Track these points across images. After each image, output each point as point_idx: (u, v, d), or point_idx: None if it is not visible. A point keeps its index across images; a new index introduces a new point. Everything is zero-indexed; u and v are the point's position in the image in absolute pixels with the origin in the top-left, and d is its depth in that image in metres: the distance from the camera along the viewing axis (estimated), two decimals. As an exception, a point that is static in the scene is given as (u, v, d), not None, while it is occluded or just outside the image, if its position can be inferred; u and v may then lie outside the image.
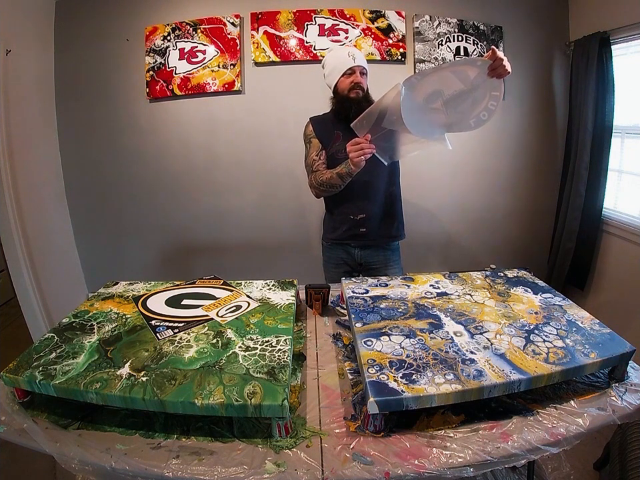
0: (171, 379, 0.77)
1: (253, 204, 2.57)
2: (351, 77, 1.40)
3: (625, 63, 2.12)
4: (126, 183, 2.56)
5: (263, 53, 2.33)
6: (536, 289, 1.13)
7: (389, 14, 2.32)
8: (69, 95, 2.42)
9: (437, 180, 2.59)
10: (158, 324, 0.98)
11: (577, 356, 0.81)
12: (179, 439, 0.73)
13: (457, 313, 1.00)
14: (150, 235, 2.65)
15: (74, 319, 1.02)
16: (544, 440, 0.71)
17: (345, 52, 1.42)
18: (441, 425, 0.75)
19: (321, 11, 2.31)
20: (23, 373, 0.79)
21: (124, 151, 2.51)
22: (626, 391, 0.82)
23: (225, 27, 2.32)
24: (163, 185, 2.56)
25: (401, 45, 2.35)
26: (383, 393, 0.71)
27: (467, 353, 0.82)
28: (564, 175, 2.51)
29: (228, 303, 1.09)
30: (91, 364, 0.82)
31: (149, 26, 2.34)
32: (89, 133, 2.47)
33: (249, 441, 0.72)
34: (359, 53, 1.44)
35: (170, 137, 2.48)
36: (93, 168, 2.53)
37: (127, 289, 1.20)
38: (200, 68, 2.35)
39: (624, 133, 2.18)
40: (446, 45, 2.39)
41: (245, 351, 0.86)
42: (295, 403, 0.81)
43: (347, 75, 1.40)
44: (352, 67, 1.39)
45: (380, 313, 1.00)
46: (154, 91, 2.38)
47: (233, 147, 2.48)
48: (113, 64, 2.39)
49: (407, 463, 0.67)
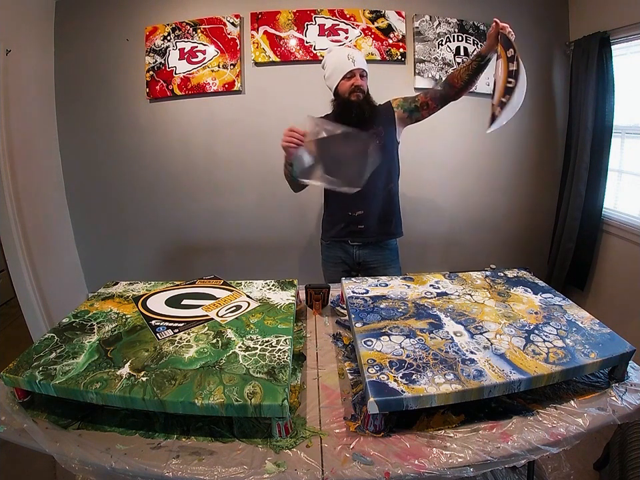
0: (171, 378, 0.77)
1: (253, 204, 2.57)
2: (351, 79, 1.40)
3: (625, 63, 2.12)
4: (126, 182, 2.56)
5: (262, 53, 2.33)
6: (536, 289, 1.13)
7: (388, 14, 2.32)
8: (69, 94, 2.42)
9: (437, 180, 2.59)
10: (158, 324, 0.98)
11: (577, 356, 0.81)
12: (179, 439, 0.73)
13: (457, 312, 1.00)
14: (150, 234, 2.65)
15: (74, 318, 1.02)
16: (544, 440, 0.71)
17: (344, 54, 1.41)
18: (440, 424, 0.75)
19: (321, 11, 2.31)
20: (23, 373, 0.79)
21: (124, 150, 2.51)
22: (626, 390, 0.82)
23: (224, 27, 2.32)
24: (163, 185, 2.56)
25: (401, 45, 2.35)
26: (383, 393, 0.71)
27: (467, 353, 0.82)
28: (564, 174, 2.51)
29: (228, 303, 1.09)
30: (91, 364, 0.82)
31: (149, 26, 2.34)
32: (89, 132, 2.47)
33: (249, 441, 0.72)
34: (359, 55, 1.43)
35: (170, 137, 2.48)
36: (93, 168, 2.53)
37: (127, 289, 1.20)
38: (200, 68, 2.35)
39: (624, 133, 2.18)
40: (446, 45, 2.38)
41: (245, 351, 0.86)
42: (295, 403, 0.81)
43: (347, 78, 1.40)
44: (352, 70, 1.39)
45: (380, 313, 1.00)
46: (154, 91, 2.38)
47: (233, 146, 2.48)
48: (113, 64, 2.39)
49: (407, 463, 0.67)
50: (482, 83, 2.43)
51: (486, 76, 2.46)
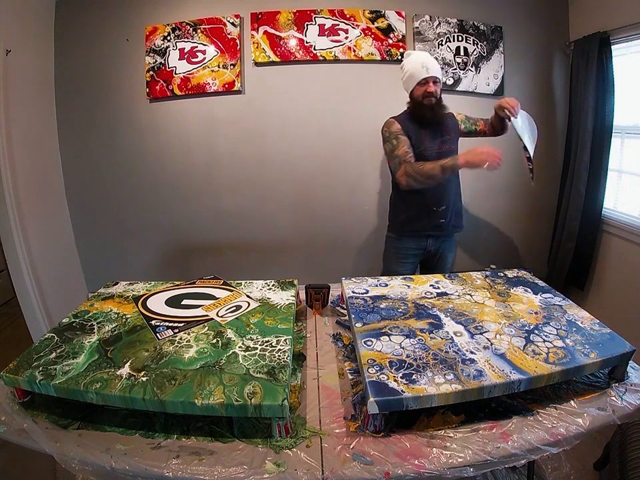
0: (171, 378, 0.77)
1: (253, 204, 2.57)
2: (424, 86, 1.53)
3: (624, 63, 2.12)
4: (126, 182, 2.56)
5: (263, 53, 2.33)
6: (536, 289, 1.13)
7: (388, 14, 2.32)
8: (69, 95, 2.42)
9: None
10: (158, 324, 0.98)
11: (577, 356, 0.81)
12: (179, 439, 0.73)
13: (457, 312, 1.00)
14: (150, 234, 2.65)
15: (74, 318, 1.02)
16: (544, 440, 0.71)
17: (419, 62, 1.53)
18: (440, 425, 0.75)
19: (320, 11, 2.31)
20: (23, 373, 0.79)
21: (124, 151, 2.51)
22: (626, 390, 0.82)
23: (224, 27, 2.32)
24: (163, 185, 2.55)
25: (401, 45, 2.35)
26: (383, 393, 0.71)
27: (467, 353, 0.82)
28: (564, 175, 2.51)
29: (228, 303, 1.09)
30: (91, 364, 0.82)
31: (149, 26, 2.33)
32: (89, 133, 2.47)
33: (249, 441, 0.72)
34: (433, 63, 1.56)
35: (170, 137, 2.48)
36: (93, 168, 2.53)
37: (127, 289, 1.19)
38: (200, 68, 2.35)
39: (624, 133, 2.18)
40: (446, 45, 2.38)
41: (245, 351, 0.86)
42: (295, 403, 0.81)
43: (421, 84, 1.53)
44: (425, 78, 1.52)
45: (380, 313, 1.00)
46: (154, 91, 2.38)
47: (233, 147, 2.48)
48: (112, 64, 2.39)
49: (407, 463, 0.67)
50: (482, 83, 2.44)
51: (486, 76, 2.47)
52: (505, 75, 2.44)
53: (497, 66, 2.42)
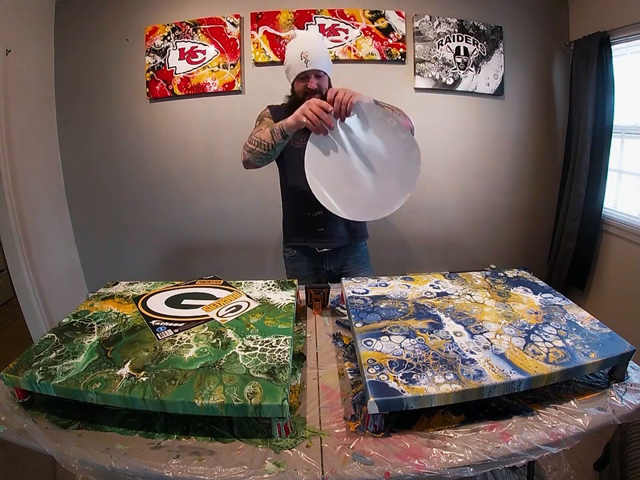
0: (171, 379, 0.77)
1: (253, 204, 2.57)
2: (304, 81, 1.27)
3: (624, 63, 2.12)
4: (126, 182, 2.56)
5: (262, 53, 2.33)
6: (536, 289, 1.13)
7: (388, 14, 2.32)
8: (69, 95, 2.42)
9: (437, 180, 2.58)
10: (158, 324, 0.98)
11: (577, 356, 0.81)
12: (179, 439, 0.73)
13: (457, 313, 1.00)
14: (150, 234, 2.65)
15: (74, 318, 1.02)
16: (544, 440, 0.71)
17: (298, 52, 1.24)
18: (440, 424, 0.75)
19: (320, 11, 2.31)
20: (23, 373, 0.79)
21: (124, 151, 2.51)
22: (626, 390, 0.82)
23: (224, 27, 2.32)
24: (162, 185, 2.56)
25: (401, 45, 2.35)
26: (383, 393, 0.71)
27: (467, 353, 0.82)
28: (564, 175, 2.51)
29: (228, 303, 1.09)
30: (91, 364, 0.82)
31: (149, 26, 2.34)
32: (89, 132, 2.47)
33: (249, 441, 0.72)
34: (316, 52, 1.25)
35: (170, 137, 2.48)
36: (93, 168, 2.53)
37: (127, 289, 1.19)
38: (200, 68, 2.35)
39: (624, 133, 2.18)
40: (446, 45, 2.39)
41: (245, 351, 0.86)
42: (295, 403, 0.81)
43: (301, 79, 1.28)
44: (305, 72, 1.25)
45: (380, 313, 1.00)
46: (154, 91, 2.38)
47: (233, 147, 2.47)
48: (112, 64, 2.39)
49: (407, 463, 0.67)
50: (482, 83, 2.44)
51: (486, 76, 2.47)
52: (504, 75, 2.45)
53: (496, 66, 2.43)
